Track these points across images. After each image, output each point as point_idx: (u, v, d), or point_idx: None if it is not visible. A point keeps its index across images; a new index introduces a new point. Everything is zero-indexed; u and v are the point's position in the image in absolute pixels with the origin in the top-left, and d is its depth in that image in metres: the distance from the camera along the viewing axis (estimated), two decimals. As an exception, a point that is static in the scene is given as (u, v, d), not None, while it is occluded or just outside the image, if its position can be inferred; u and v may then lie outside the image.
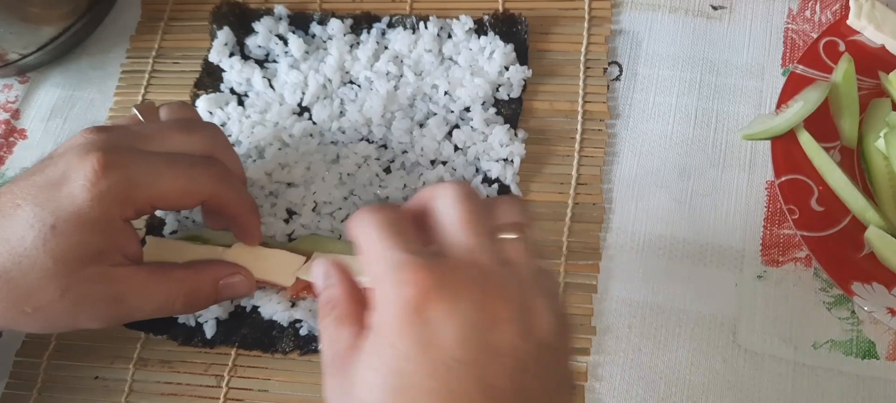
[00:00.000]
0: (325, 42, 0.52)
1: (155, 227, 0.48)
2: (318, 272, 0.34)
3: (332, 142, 0.49)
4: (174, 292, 0.39)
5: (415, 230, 0.30)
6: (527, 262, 0.30)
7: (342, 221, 0.46)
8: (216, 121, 0.50)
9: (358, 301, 0.31)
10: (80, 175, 0.36)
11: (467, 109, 0.48)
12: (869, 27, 0.45)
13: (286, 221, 0.46)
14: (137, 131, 0.39)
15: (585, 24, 0.50)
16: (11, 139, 0.54)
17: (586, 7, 0.51)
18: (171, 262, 0.41)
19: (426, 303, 0.27)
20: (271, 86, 0.51)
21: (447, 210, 0.30)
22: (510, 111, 0.48)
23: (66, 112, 0.54)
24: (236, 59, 0.52)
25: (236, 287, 0.41)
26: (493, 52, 0.49)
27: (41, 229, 0.35)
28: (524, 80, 0.49)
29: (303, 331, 0.43)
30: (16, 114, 0.55)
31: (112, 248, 0.37)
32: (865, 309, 0.39)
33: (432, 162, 0.47)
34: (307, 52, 0.52)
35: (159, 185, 0.37)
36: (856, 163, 0.43)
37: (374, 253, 0.29)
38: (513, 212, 0.32)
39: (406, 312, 0.27)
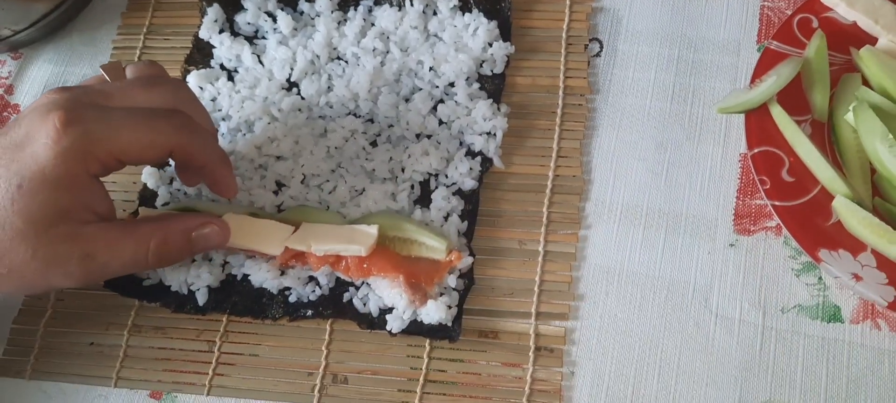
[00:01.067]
0: (312, 19, 0.53)
1: (147, 199, 0.49)
2: None
3: (319, 117, 0.50)
4: (144, 245, 0.40)
5: None
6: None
7: (330, 193, 0.47)
8: (206, 96, 0.51)
9: None
10: (43, 133, 0.36)
11: (452, 85, 0.49)
12: (841, 4, 0.47)
13: (275, 193, 0.48)
14: (100, 89, 0.40)
15: (567, 2, 0.52)
16: (5, 114, 0.55)
17: (568, -16, 0.52)
18: (143, 217, 0.41)
19: None
20: (260, 62, 0.52)
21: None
22: (493, 86, 0.49)
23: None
24: (226, 35, 0.53)
25: (209, 237, 0.42)
26: (477, 29, 0.50)
27: (8, 189, 0.36)
28: (507, 57, 0.50)
29: (292, 298, 0.45)
30: (9, 89, 0.56)
31: (79, 206, 0.38)
32: (832, 274, 0.41)
33: (417, 135, 0.48)
34: (295, 29, 0.53)
35: (120, 138, 0.38)
36: (826, 135, 0.45)
37: None
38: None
39: None
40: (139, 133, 0.38)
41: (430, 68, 0.50)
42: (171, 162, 0.46)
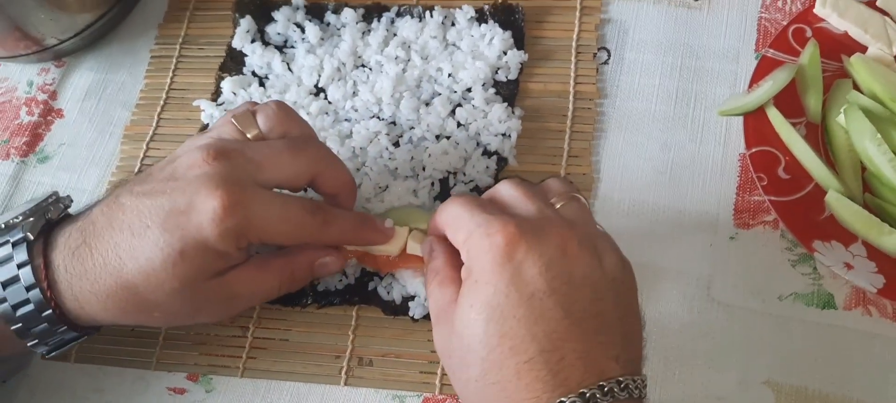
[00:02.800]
0: (339, 29, 0.57)
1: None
2: (425, 247, 0.41)
3: (345, 120, 0.53)
4: (277, 279, 0.43)
5: (489, 201, 0.38)
6: (587, 217, 0.37)
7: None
8: (240, 101, 0.55)
9: (456, 266, 0.37)
10: (208, 209, 0.38)
11: (469, 90, 0.53)
12: (833, 15, 0.50)
13: (304, 190, 0.51)
14: (249, 157, 0.41)
15: (577, 14, 0.55)
16: (49, 118, 0.59)
17: (578, -3, 0.56)
18: (269, 252, 0.44)
19: (514, 247, 0.34)
20: (290, 69, 0.56)
21: (507, 192, 0.38)
22: (508, 91, 0.53)
23: (99, 93, 0.59)
24: (257, 44, 0.56)
25: (328, 266, 0.45)
26: (493, 39, 0.54)
27: (170, 254, 0.38)
28: (521, 64, 0.53)
29: (320, 287, 0.48)
30: (53, 95, 0.59)
31: (226, 268, 0.41)
32: (826, 264, 0.44)
33: (437, 137, 0.52)
34: (323, 39, 0.56)
35: (271, 227, 0.40)
36: (820, 136, 0.48)
37: (463, 221, 0.36)
38: (562, 186, 0.38)
39: (497, 256, 0.33)
40: (288, 225, 0.41)
41: (449, 74, 0.53)
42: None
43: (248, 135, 0.43)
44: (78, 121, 0.58)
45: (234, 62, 0.57)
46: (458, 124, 0.52)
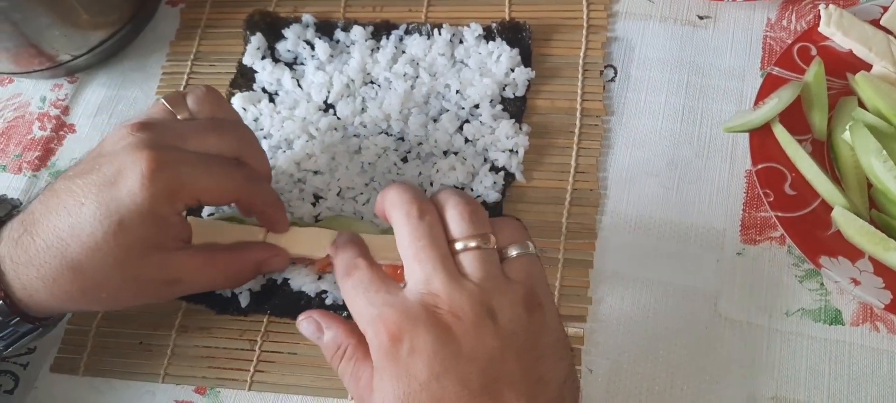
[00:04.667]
0: (348, 47, 0.58)
1: (194, 210, 0.52)
2: (308, 324, 0.40)
3: (354, 135, 0.54)
4: (222, 272, 0.44)
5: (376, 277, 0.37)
6: (495, 272, 0.35)
7: (364, 205, 0.51)
8: (250, 116, 0.56)
9: (359, 335, 0.37)
10: (136, 173, 0.39)
11: (476, 106, 0.53)
12: (837, 34, 0.50)
13: (313, 204, 0.51)
14: (175, 129, 0.42)
15: (584, 32, 0.56)
16: (61, 133, 0.59)
17: (585, 16, 0.56)
18: (217, 244, 0.45)
19: (398, 344, 0.34)
20: (299, 86, 0.56)
21: (452, 217, 0.37)
22: (515, 108, 0.53)
23: (111, 109, 0.60)
24: (267, 61, 0.57)
25: (273, 264, 0.46)
26: (500, 56, 0.54)
27: (109, 225, 0.39)
28: (528, 81, 0.54)
29: (328, 301, 0.48)
30: (65, 110, 0.60)
31: (169, 237, 0.42)
32: (833, 279, 0.44)
33: (445, 152, 0.52)
34: (332, 56, 0.57)
35: (201, 184, 0.41)
36: (825, 153, 0.48)
37: (358, 312, 0.36)
38: (516, 233, 0.37)
39: (387, 353, 0.34)
40: (216, 181, 0.42)
41: (457, 91, 0.54)
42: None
43: (178, 116, 0.44)
44: (90, 136, 0.59)
45: (244, 79, 0.58)
46: (466, 140, 0.52)
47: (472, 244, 0.36)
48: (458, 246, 0.36)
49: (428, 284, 0.35)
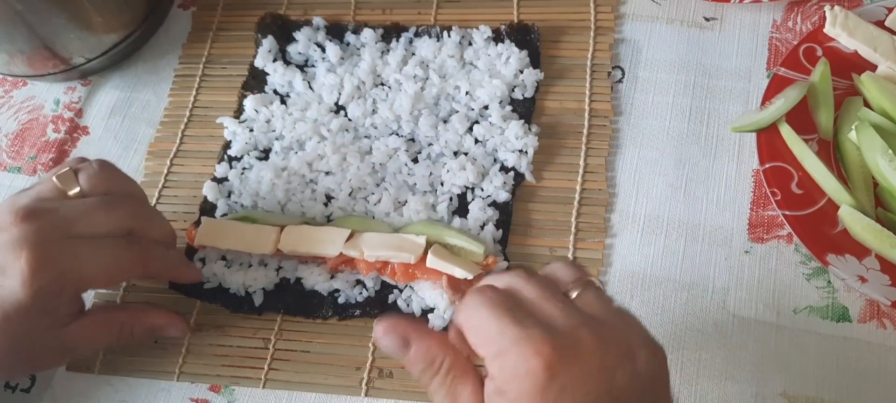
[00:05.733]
0: (358, 49, 0.58)
1: (208, 210, 0.53)
2: (390, 340, 0.36)
3: (365, 136, 0.55)
4: (116, 336, 0.46)
5: (515, 303, 0.33)
6: (608, 305, 0.34)
7: (375, 205, 0.51)
8: (262, 118, 0.56)
9: (453, 349, 0.35)
10: (16, 272, 0.40)
11: (486, 107, 0.54)
12: (843, 35, 0.51)
13: (325, 204, 0.52)
14: (62, 213, 0.42)
15: (592, 33, 0.56)
16: (75, 135, 0.60)
17: (592, 18, 0.57)
18: (115, 306, 0.48)
19: (554, 374, 0.31)
20: (311, 88, 0.57)
21: (525, 289, 0.34)
22: (524, 109, 0.54)
23: (124, 111, 0.60)
24: (279, 64, 0.58)
25: (167, 332, 0.48)
26: (509, 58, 0.55)
27: None
28: (537, 82, 0.54)
29: (340, 300, 0.49)
30: (79, 113, 0.61)
31: (60, 316, 0.43)
32: (840, 277, 0.44)
33: (455, 153, 0.53)
34: (343, 58, 0.58)
35: (86, 274, 0.43)
36: (831, 152, 0.49)
37: (493, 334, 0.32)
38: (572, 272, 0.35)
39: (538, 383, 0.31)
40: (101, 269, 0.43)
41: (467, 93, 0.55)
42: None
43: (69, 193, 0.44)
44: (103, 138, 0.59)
45: (256, 81, 0.58)
46: (476, 141, 0.53)
47: (584, 285, 0.34)
48: (569, 289, 0.34)
49: (568, 316, 0.32)
